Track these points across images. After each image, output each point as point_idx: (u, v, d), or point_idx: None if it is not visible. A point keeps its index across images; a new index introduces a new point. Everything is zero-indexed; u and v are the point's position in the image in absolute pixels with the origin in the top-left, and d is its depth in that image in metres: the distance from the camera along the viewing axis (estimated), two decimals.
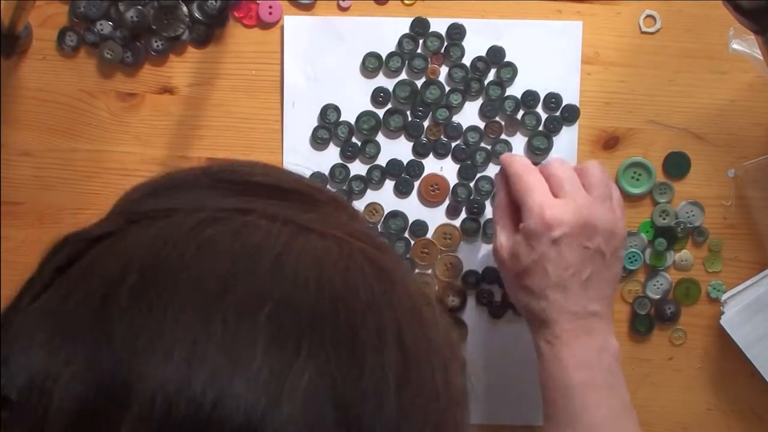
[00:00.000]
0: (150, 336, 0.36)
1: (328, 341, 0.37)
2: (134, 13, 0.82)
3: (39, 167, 0.85)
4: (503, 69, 0.82)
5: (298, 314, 0.37)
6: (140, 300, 0.37)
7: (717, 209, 0.82)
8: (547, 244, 0.71)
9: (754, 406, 0.83)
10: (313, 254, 0.40)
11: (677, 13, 0.81)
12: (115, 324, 0.36)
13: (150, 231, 0.40)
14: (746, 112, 0.82)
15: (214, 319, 0.36)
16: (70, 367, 0.36)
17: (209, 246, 0.39)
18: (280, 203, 0.42)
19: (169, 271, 0.38)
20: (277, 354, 0.35)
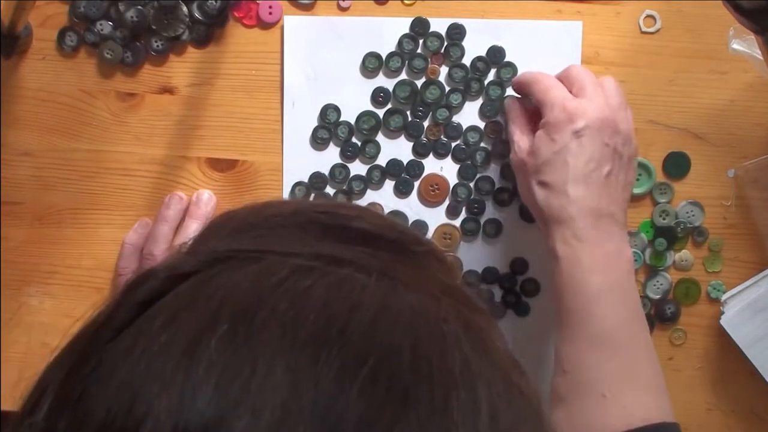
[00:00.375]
0: (238, 394, 0.33)
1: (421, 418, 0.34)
2: (134, 13, 0.82)
3: (39, 167, 0.85)
4: (503, 69, 0.82)
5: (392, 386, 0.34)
6: (229, 352, 0.34)
7: (717, 209, 0.82)
8: (568, 136, 0.70)
9: (754, 406, 0.83)
10: (409, 316, 0.37)
11: (677, 13, 0.81)
12: (202, 376, 0.34)
13: (241, 275, 0.38)
14: (746, 112, 0.82)
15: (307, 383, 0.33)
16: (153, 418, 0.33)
17: (304, 299, 0.36)
18: (375, 253, 0.40)
19: (261, 324, 0.35)
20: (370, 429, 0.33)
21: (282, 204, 0.44)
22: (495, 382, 0.38)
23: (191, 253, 0.42)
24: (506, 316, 0.84)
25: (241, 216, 0.43)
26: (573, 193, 0.70)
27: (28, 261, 0.86)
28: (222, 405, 0.33)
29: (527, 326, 0.84)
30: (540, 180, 0.72)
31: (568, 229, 0.70)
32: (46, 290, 0.86)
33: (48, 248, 0.85)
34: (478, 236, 0.84)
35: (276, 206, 0.44)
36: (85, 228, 0.85)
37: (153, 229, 0.83)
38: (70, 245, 0.85)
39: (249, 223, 0.42)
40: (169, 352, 0.35)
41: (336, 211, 0.43)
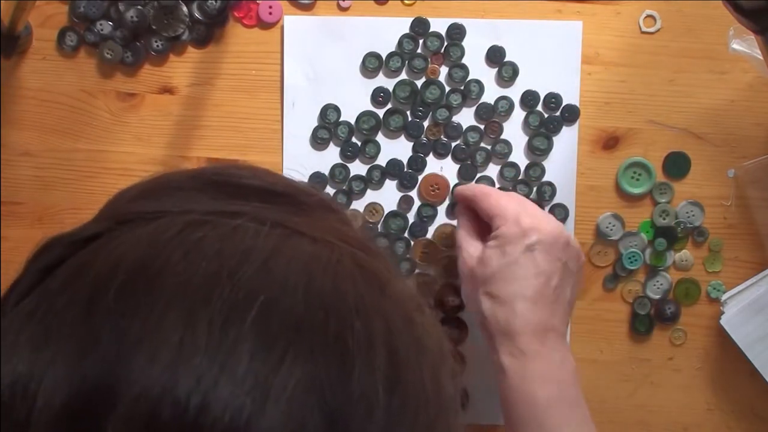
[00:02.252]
0: (135, 339, 0.35)
1: (315, 347, 0.36)
2: (134, 13, 0.82)
3: (39, 167, 0.85)
4: (503, 69, 0.82)
5: (285, 319, 0.37)
6: (126, 302, 0.36)
7: (717, 209, 0.82)
8: (520, 250, 0.71)
9: (754, 406, 0.83)
10: (302, 259, 0.39)
11: (677, 13, 0.81)
12: (101, 326, 0.36)
13: (138, 233, 0.40)
14: (746, 112, 0.82)
15: (200, 322, 0.35)
16: (54, 369, 0.35)
17: (196, 249, 0.38)
18: (269, 206, 0.42)
19: (156, 274, 0.37)
20: (263, 359, 0.35)
21: (181, 171, 0.46)
22: (392, 318, 0.40)
23: (94, 220, 0.44)
24: None
25: (142, 184, 0.45)
26: (520, 308, 0.71)
27: None
28: (120, 348, 0.35)
29: None
30: (487, 291, 0.72)
31: (513, 342, 0.70)
32: None
33: None
34: None
35: (175, 173, 0.46)
36: None
37: None
38: None
39: (149, 189, 0.44)
40: (69, 309, 0.37)
41: (229, 171, 0.45)
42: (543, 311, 0.71)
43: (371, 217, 0.83)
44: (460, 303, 0.83)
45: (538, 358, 0.70)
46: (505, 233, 0.72)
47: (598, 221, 0.82)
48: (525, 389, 0.70)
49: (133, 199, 0.44)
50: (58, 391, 0.35)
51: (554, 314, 0.72)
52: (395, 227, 0.83)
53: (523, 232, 0.71)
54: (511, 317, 0.71)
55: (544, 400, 0.69)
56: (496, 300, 0.72)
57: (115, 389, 0.34)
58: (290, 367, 0.35)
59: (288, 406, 0.35)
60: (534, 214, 0.73)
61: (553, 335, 0.71)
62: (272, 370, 0.35)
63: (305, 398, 0.35)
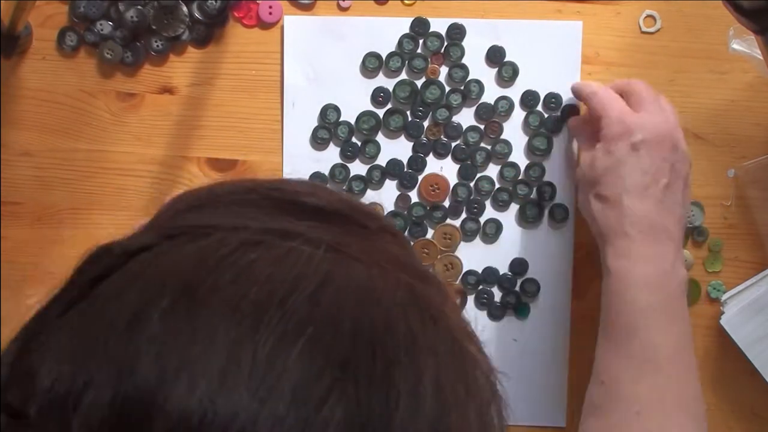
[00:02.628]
0: (177, 365, 0.34)
1: (360, 385, 0.35)
2: (134, 13, 0.82)
3: (39, 167, 0.85)
4: (503, 68, 0.82)
5: (331, 354, 0.35)
6: (170, 325, 0.35)
7: (717, 209, 0.82)
8: (625, 149, 0.70)
9: (754, 406, 0.83)
10: (354, 288, 0.38)
11: (677, 13, 0.81)
12: (143, 348, 0.35)
13: (188, 250, 0.39)
14: (746, 112, 0.82)
15: (245, 351, 0.34)
16: (94, 388, 0.34)
17: (248, 272, 0.37)
18: (326, 227, 0.41)
19: (204, 298, 0.36)
20: (305, 397, 0.34)
21: (236, 182, 0.44)
22: (443, 353, 0.38)
23: (145, 231, 0.43)
24: (506, 317, 0.84)
25: (195, 194, 0.44)
26: (628, 205, 0.70)
27: (28, 261, 0.86)
28: (161, 374, 0.34)
29: (527, 327, 0.83)
30: (597, 192, 0.72)
31: (623, 242, 0.69)
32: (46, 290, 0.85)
33: (48, 248, 0.85)
34: (478, 236, 0.84)
35: (230, 185, 0.44)
36: (85, 228, 0.85)
37: None
38: (70, 245, 0.85)
39: (203, 201, 0.43)
40: (114, 325, 0.36)
41: (288, 187, 0.43)
42: (652, 209, 0.70)
43: None
44: (460, 303, 0.83)
45: (646, 260, 0.69)
46: (609, 133, 0.71)
47: None
48: (625, 292, 0.68)
49: (185, 211, 0.43)
50: (95, 411, 0.34)
51: (666, 215, 0.70)
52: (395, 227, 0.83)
53: (627, 130, 0.70)
54: (620, 216, 0.70)
55: (643, 305, 0.68)
56: (604, 200, 0.71)
57: (153, 414, 0.33)
58: (332, 407, 0.34)
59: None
60: (640, 114, 0.72)
61: (665, 238, 0.70)
62: (314, 408, 0.34)
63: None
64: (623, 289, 0.69)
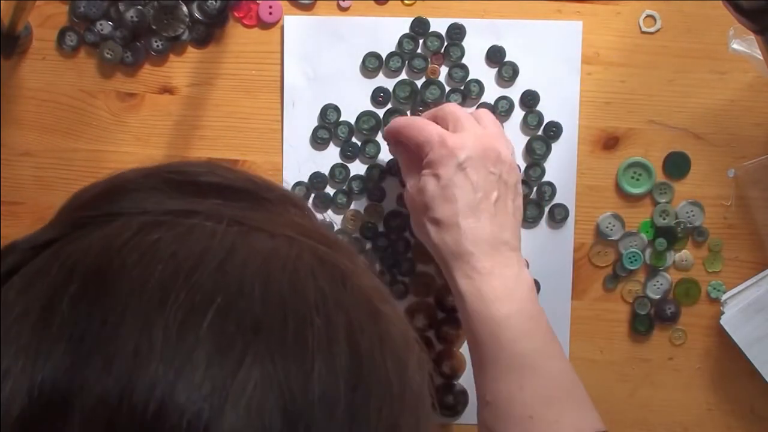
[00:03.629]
0: (90, 346, 0.35)
1: (274, 348, 0.36)
2: (134, 13, 0.82)
3: (39, 167, 0.85)
4: (503, 69, 0.82)
5: (242, 321, 0.36)
6: (80, 310, 0.36)
7: (717, 209, 0.82)
8: (453, 170, 0.71)
9: (754, 406, 0.83)
10: (260, 257, 0.39)
11: (677, 13, 0.81)
12: (55, 335, 0.36)
13: (92, 238, 0.39)
14: (746, 112, 0.82)
15: (155, 328, 0.35)
16: (10, 379, 0.35)
17: (151, 252, 0.38)
18: (227, 203, 0.42)
19: (111, 280, 0.37)
20: (220, 363, 0.35)
21: (136, 170, 0.45)
22: (355, 312, 0.39)
23: (51, 224, 0.43)
24: None
25: (98, 184, 0.45)
26: (464, 225, 0.71)
27: None
28: (75, 358, 0.35)
29: None
30: (431, 216, 0.72)
31: (466, 263, 0.71)
32: None
33: None
34: None
35: (130, 172, 0.45)
36: None
37: None
38: None
39: (105, 190, 0.44)
40: (25, 316, 0.37)
41: (185, 168, 0.44)
42: (489, 226, 0.71)
43: (371, 217, 0.83)
44: None
45: (492, 275, 0.70)
46: (435, 158, 0.72)
47: (598, 221, 0.82)
48: (481, 308, 0.69)
49: (89, 201, 0.43)
50: (14, 401, 0.35)
51: (502, 228, 0.72)
52: (395, 226, 0.83)
53: (450, 152, 0.71)
54: (458, 237, 0.71)
55: (501, 317, 0.69)
56: (440, 224, 0.71)
57: (72, 398, 0.34)
58: (248, 370, 0.35)
59: (247, 410, 0.34)
60: (459, 133, 0.72)
61: (505, 250, 0.71)
62: (230, 374, 0.35)
63: (264, 401, 0.35)
64: (478, 307, 0.70)
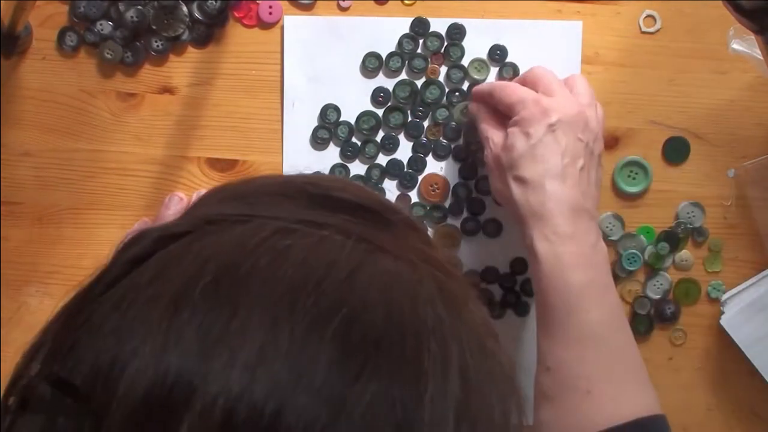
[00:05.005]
0: (218, 337, 0.36)
1: (392, 364, 0.36)
2: (134, 13, 0.82)
3: (39, 167, 0.85)
4: (504, 69, 0.82)
5: (365, 334, 0.37)
6: (212, 301, 0.37)
7: (717, 209, 0.82)
8: (543, 130, 0.71)
9: (754, 406, 0.83)
10: (384, 276, 0.40)
11: (677, 13, 0.81)
12: (185, 321, 0.36)
13: (227, 234, 0.40)
14: (746, 112, 0.82)
15: (282, 329, 0.36)
16: (138, 359, 0.36)
17: (283, 256, 0.39)
18: (356, 220, 0.42)
19: (243, 277, 0.38)
20: (341, 371, 0.35)
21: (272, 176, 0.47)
22: (467, 342, 0.40)
23: (183, 218, 0.44)
24: (506, 316, 0.84)
25: (232, 186, 0.46)
26: (550, 187, 0.70)
27: (28, 261, 0.86)
28: (202, 348, 0.36)
29: (527, 326, 0.84)
30: (516, 175, 0.71)
31: (547, 225, 0.70)
32: (46, 290, 0.86)
33: (48, 248, 0.85)
34: (478, 236, 0.84)
35: (266, 178, 0.46)
36: (85, 228, 0.85)
37: None
38: (70, 245, 0.85)
39: (240, 192, 0.45)
40: (156, 302, 0.38)
41: (321, 182, 0.45)
42: (573, 191, 0.70)
43: None
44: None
45: (572, 240, 0.69)
46: (526, 115, 0.71)
47: (599, 221, 0.82)
48: (558, 274, 0.69)
49: (224, 200, 0.44)
50: (140, 381, 0.35)
51: (584, 196, 0.71)
52: None
53: (543, 111, 0.71)
54: (542, 198, 0.70)
55: (576, 284, 0.69)
56: (525, 183, 0.71)
57: (194, 387, 0.35)
58: (366, 382, 0.35)
59: (362, 421, 0.35)
60: (553, 96, 0.72)
61: (585, 216, 0.71)
62: (349, 383, 0.35)
63: (378, 414, 0.35)
64: (554, 272, 0.69)
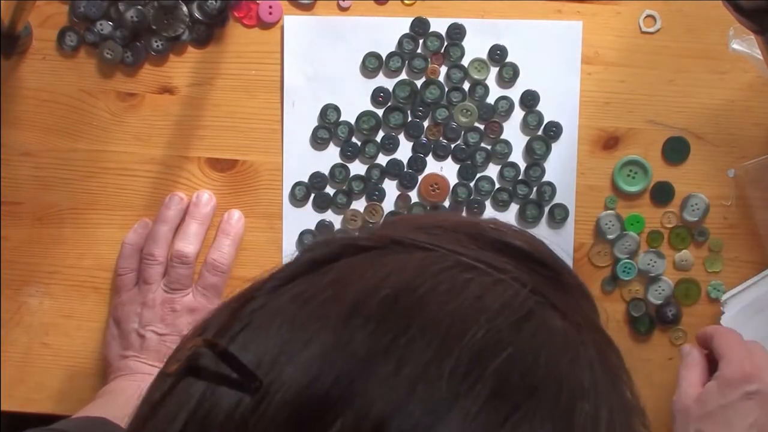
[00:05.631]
0: (386, 349, 0.36)
1: (544, 414, 0.37)
2: (134, 13, 0.82)
3: (39, 167, 0.85)
4: (503, 69, 0.82)
5: (523, 378, 0.37)
6: (387, 313, 0.38)
7: (717, 209, 0.82)
8: (739, 395, 0.71)
9: None
10: (551, 331, 0.40)
11: (677, 13, 0.81)
12: (358, 328, 0.37)
13: (410, 258, 0.41)
14: (746, 112, 0.82)
15: (450, 352, 0.36)
16: (307, 350, 0.36)
17: (462, 287, 0.39)
18: (533, 273, 0.43)
19: (420, 298, 0.38)
20: (493, 410, 0.36)
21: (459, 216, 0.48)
22: (618, 412, 0.40)
23: (370, 233, 0.45)
24: None
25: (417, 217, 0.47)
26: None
27: (28, 261, 0.86)
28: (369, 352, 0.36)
29: None
30: (699, 429, 0.72)
31: None
32: (46, 290, 0.86)
33: (48, 248, 0.85)
34: None
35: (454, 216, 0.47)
36: (85, 228, 0.85)
37: (153, 230, 0.83)
38: (70, 245, 0.85)
39: (424, 223, 0.46)
40: (334, 303, 0.39)
41: (504, 229, 0.46)
42: None
43: (371, 217, 0.83)
44: None
45: None
46: (728, 375, 0.72)
47: (599, 218, 0.82)
48: None
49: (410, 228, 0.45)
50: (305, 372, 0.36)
51: None
52: None
53: (745, 377, 0.71)
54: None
55: None
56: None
57: (355, 387, 0.35)
58: (514, 427, 0.36)
59: None
60: (759, 364, 0.73)
61: None
62: (497, 423, 0.36)
63: None
64: None
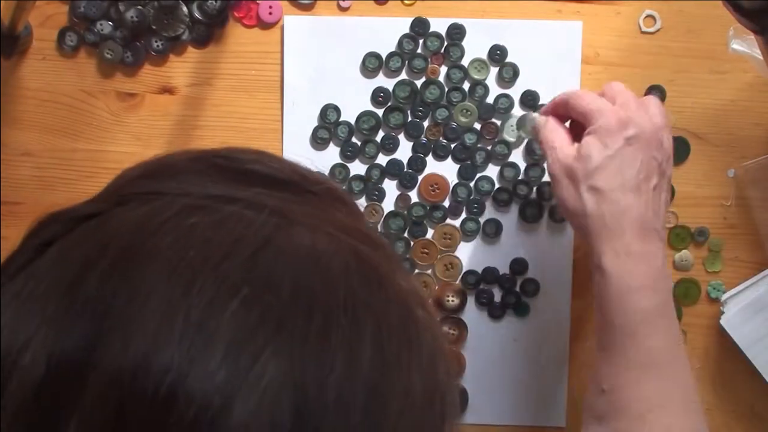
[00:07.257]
0: (111, 324, 0.36)
1: (295, 345, 0.36)
2: (134, 13, 0.82)
3: (39, 167, 0.85)
4: (503, 69, 0.82)
5: (265, 315, 0.36)
6: (107, 287, 0.37)
7: (717, 209, 0.82)
8: (620, 142, 0.69)
9: (754, 406, 0.83)
10: (294, 251, 0.39)
11: (677, 13, 0.81)
12: (79, 310, 0.36)
13: (131, 216, 0.40)
14: (746, 112, 0.82)
15: (177, 313, 0.36)
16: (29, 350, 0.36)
17: (186, 237, 0.38)
18: (271, 193, 0.41)
19: (141, 260, 0.37)
20: (237, 355, 0.35)
21: (184, 152, 0.45)
22: (386, 315, 0.39)
23: (95, 198, 0.44)
24: (506, 316, 0.84)
25: (145, 163, 0.45)
26: (625, 201, 0.68)
27: None
28: (96, 334, 0.36)
29: (527, 326, 0.83)
30: (591, 185, 0.69)
31: (619, 241, 0.68)
32: None
33: None
34: (478, 236, 0.84)
35: (178, 154, 0.45)
36: None
37: None
38: None
39: (152, 169, 0.44)
40: (55, 287, 0.37)
41: (233, 155, 0.44)
42: (646, 208, 0.69)
43: (371, 217, 0.83)
44: (460, 303, 0.83)
45: (642, 260, 0.67)
46: (604, 125, 0.69)
47: None
48: (624, 295, 0.67)
49: (136, 179, 0.44)
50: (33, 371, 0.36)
51: (656, 216, 0.69)
52: (395, 227, 0.83)
53: (621, 123, 0.69)
54: (617, 212, 0.68)
55: (642, 307, 0.67)
56: (601, 194, 0.69)
57: (87, 373, 0.35)
58: (264, 364, 0.35)
59: (258, 405, 0.35)
60: (629, 107, 0.71)
61: (654, 236, 0.69)
62: (245, 367, 0.35)
63: (277, 397, 0.35)
64: (621, 292, 0.67)
